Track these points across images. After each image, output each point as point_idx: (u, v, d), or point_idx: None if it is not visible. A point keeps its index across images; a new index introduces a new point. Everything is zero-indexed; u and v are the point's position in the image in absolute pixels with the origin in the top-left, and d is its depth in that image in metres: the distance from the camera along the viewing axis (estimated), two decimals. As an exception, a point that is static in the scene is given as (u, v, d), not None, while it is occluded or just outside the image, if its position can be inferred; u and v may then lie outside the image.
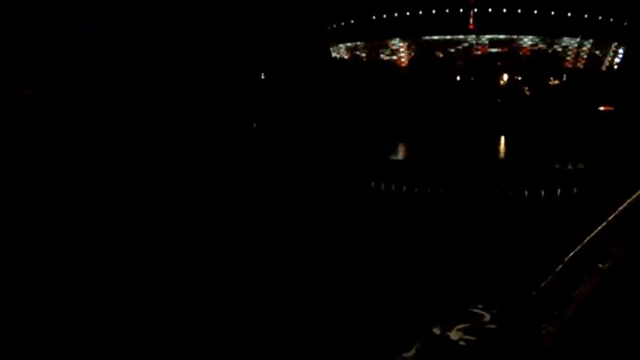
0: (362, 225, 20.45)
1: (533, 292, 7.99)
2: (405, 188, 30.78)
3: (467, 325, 7.71)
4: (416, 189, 30.39)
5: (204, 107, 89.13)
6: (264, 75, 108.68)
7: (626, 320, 7.00)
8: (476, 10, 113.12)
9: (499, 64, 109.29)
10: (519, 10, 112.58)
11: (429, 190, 29.66)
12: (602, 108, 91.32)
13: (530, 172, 34.81)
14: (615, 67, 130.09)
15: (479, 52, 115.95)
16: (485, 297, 8.99)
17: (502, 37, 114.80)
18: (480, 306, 8.31)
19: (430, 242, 17.84)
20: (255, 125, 78.04)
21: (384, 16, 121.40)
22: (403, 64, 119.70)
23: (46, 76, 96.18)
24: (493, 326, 7.70)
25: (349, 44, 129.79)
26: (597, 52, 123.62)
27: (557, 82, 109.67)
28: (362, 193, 28.49)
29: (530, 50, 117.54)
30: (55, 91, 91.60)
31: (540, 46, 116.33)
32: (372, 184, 31.30)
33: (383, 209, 24.02)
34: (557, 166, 38.27)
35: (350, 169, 36.79)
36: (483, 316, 7.94)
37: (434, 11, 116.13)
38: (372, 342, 10.22)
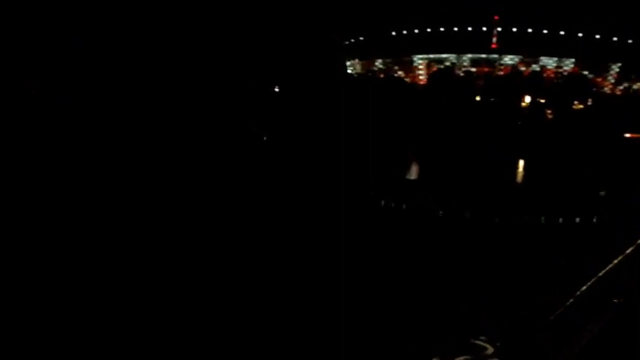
0: (369, 243, 20.04)
1: (541, 325, 7.45)
2: (417, 208, 30.24)
3: (468, 357, 7.26)
4: (428, 210, 29.85)
5: (213, 117, 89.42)
6: (278, 88, 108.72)
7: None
8: (499, 29, 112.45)
9: (520, 85, 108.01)
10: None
11: (441, 212, 29.10)
12: (628, 135, 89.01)
13: (547, 198, 33.99)
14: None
15: (501, 73, 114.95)
16: (488, 328, 8.54)
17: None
18: (483, 338, 7.83)
19: (438, 264, 17.32)
20: (265, 138, 78.18)
21: (404, 32, 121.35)
22: (422, 82, 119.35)
23: (49, 71, 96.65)
24: None
25: (366, 60, 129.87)
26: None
27: (581, 106, 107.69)
28: (372, 211, 28.09)
29: (555, 73, 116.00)
30: (57, 86, 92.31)
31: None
32: (383, 202, 30.91)
33: (393, 228, 23.57)
34: (575, 193, 37.23)
35: (361, 185, 36.44)
36: (486, 348, 7.49)
37: (455, 29, 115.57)
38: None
